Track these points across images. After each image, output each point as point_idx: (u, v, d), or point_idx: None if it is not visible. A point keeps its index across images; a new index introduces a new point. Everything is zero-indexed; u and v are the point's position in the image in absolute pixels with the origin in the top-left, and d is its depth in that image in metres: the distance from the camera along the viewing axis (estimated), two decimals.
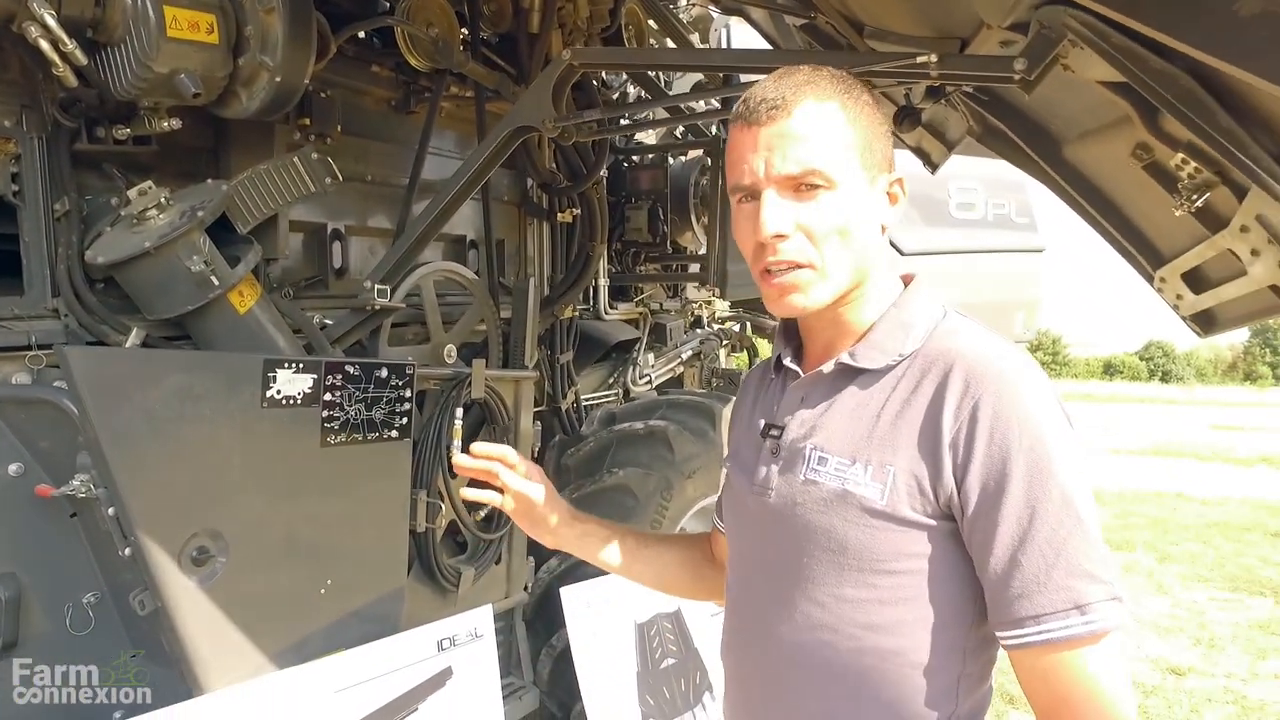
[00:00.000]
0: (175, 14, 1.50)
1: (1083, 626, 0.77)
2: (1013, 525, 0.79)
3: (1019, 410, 0.80)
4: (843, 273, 0.88)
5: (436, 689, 1.87)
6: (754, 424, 1.02)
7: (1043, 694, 0.81)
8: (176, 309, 1.61)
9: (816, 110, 0.86)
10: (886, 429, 0.86)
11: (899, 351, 0.89)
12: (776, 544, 0.93)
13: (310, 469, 1.67)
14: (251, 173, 1.75)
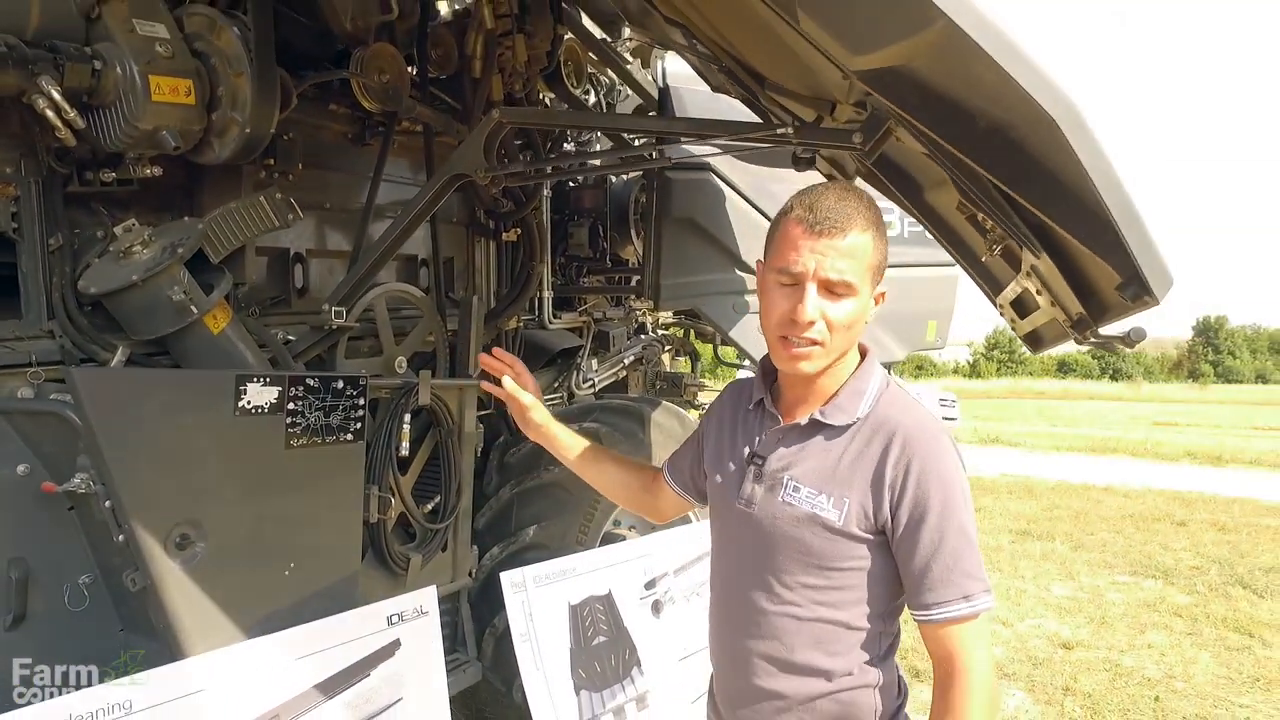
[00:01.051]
0: (159, 81, 1.76)
1: (967, 609, 1.18)
2: (927, 544, 1.18)
3: (937, 468, 1.19)
4: (836, 353, 1.23)
5: (386, 658, 2.15)
6: (736, 448, 1.37)
7: (939, 651, 1.20)
8: (159, 331, 1.87)
9: (860, 237, 1.18)
10: (845, 471, 1.23)
11: (856, 414, 1.25)
12: (759, 543, 1.29)
13: (276, 468, 1.95)
14: (223, 210, 2.02)
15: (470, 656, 2.82)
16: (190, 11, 1.91)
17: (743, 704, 1.34)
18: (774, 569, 1.27)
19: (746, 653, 1.32)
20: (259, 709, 1.86)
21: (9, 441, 1.70)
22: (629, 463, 1.68)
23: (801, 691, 1.27)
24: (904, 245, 4.18)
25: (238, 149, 1.96)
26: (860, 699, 1.27)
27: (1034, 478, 9.95)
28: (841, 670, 1.26)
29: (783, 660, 1.28)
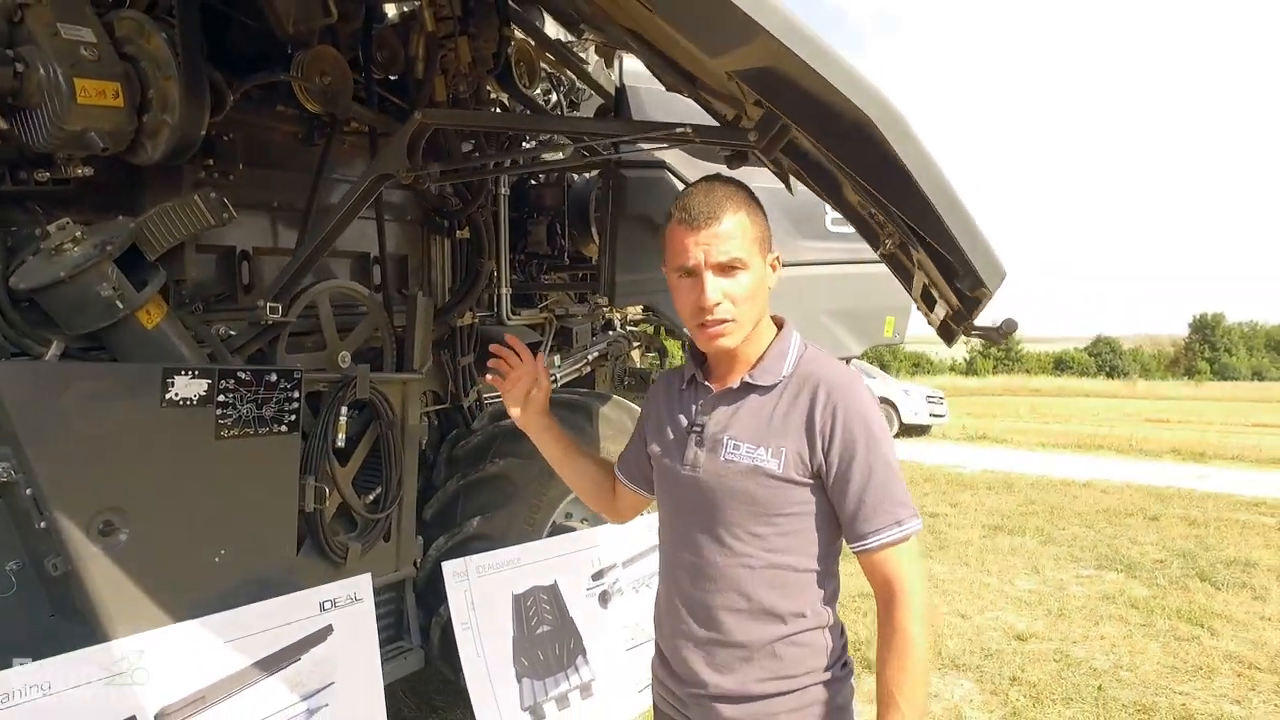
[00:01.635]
0: (84, 84, 1.83)
1: (899, 533, 1.30)
2: (859, 479, 1.30)
3: (859, 410, 1.32)
4: (748, 324, 1.36)
5: (318, 643, 2.23)
6: (675, 421, 1.47)
7: (879, 577, 1.31)
8: (90, 326, 1.94)
9: (734, 218, 1.32)
10: (779, 423, 1.35)
11: (782, 373, 1.38)
12: (707, 502, 1.38)
13: (205, 458, 2.02)
14: (158, 210, 2.08)
15: (414, 644, 2.89)
16: (120, 16, 1.98)
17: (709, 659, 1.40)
18: (724, 523, 1.37)
19: (706, 609, 1.40)
20: (184, 690, 1.94)
21: None
22: (602, 460, 1.74)
23: (762, 637, 1.36)
24: (853, 242, 4.24)
25: (169, 150, 2.02)
26: (815, 640, 1.37)
27: (1015, 473, 10.01)
28: (795, 612, 1.35)
29: (742, 610, 1.37)
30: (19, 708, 1.69)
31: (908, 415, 14.54)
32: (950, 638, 4.25)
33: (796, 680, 1.36)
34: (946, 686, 3.68)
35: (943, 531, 6.80)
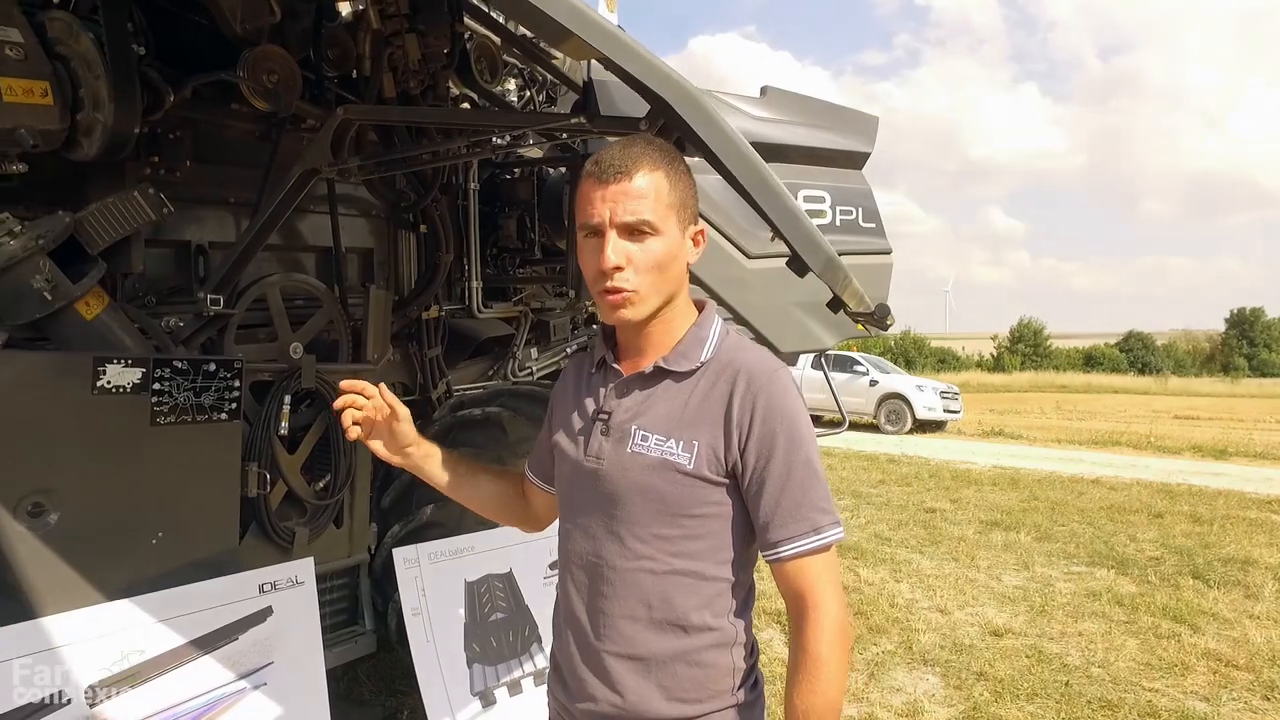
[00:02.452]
0: (10, 83, 1.91)
1: (816, 541, 1.18)
2: (775, 480, 1.18)
3: (781, 404, 1.19)
4: (655, 297, 1.21)
5: (257, 623, 2.30)
6: (581, 407, 1.33)
7: (792, 587, 1.19)
8: (26, 317, 2.02)
9: (649, 176, 1.18)
10: (693, 414, 1.21)
11: (699, 359, 1.24)
12: (609, 497, 1.24)
13: (139, 444, 2.10)
14: (97, 205, 2.16)
15: (367, 628, 2.96)
16: (51, 17, 2.05)
17: (601, 672, 1.26)
18: (626, 522, 1.23)
19: (602, 616, 1.26)
20: (119, 665, 2.02)
21: None
22: (503, 472, 1.59)
23: (662, 650, 1.22)
24: (834, 233, 4.23)
25: (105, 147, 2.10)
26: (721, 658, 1.24)
27: (1024, 469, 9.90)
28: (699, 625, 1.22)
29: (641, 618, 1.23)
30: None
31: (921, 411, 14.41)
32: (924, 633, 4.24)
33: (700, 705, 1.22)
34: (912, 681, 3.68)
35: (938, 527, 6.76)
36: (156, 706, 2.05)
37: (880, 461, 10.50)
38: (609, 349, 1.34)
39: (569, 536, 1.33)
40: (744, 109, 4.07)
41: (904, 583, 5.18)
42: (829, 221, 4.37)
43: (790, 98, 4.25)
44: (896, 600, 4.79)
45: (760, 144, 3.93)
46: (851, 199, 4.37)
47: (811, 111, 4.25)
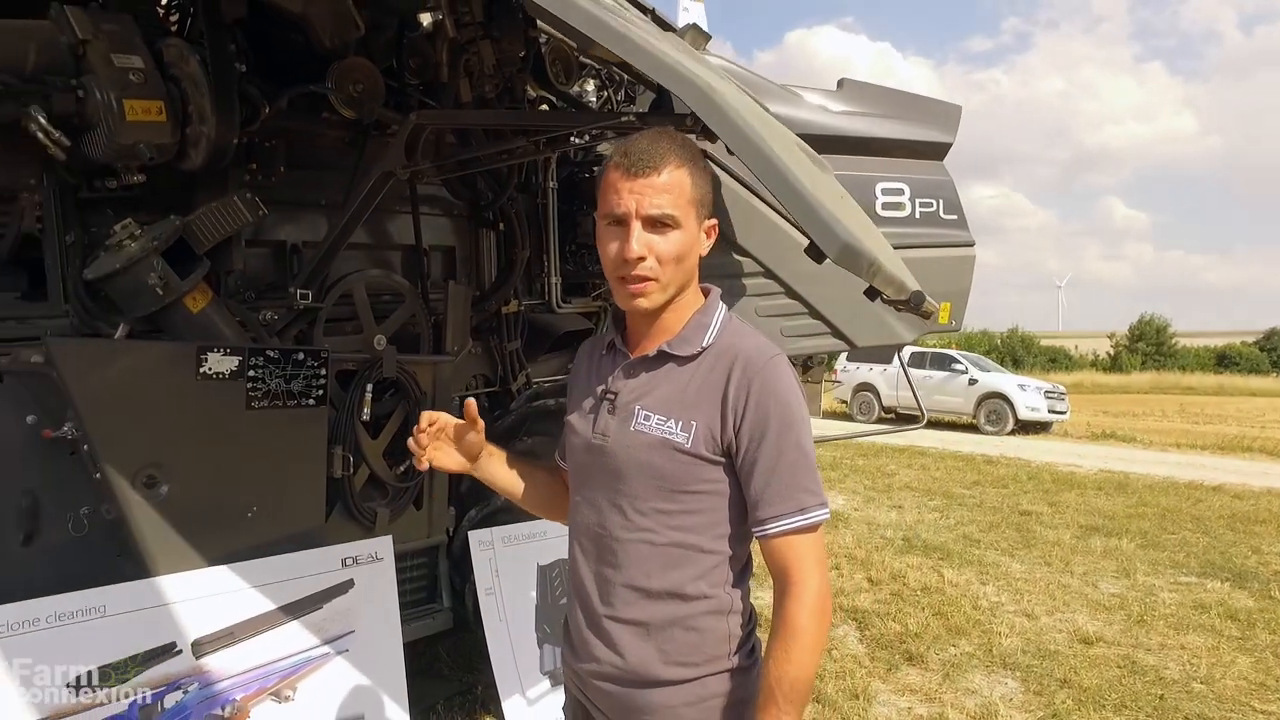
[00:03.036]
0: (133, 104, 2.14)
1: (802, 520, 1.24)
2: (767, 460, 1.25)
3: (775, 389, 1.26)
4: (672, 287, 1.29)
5: (339, 594, 2.49)
6: (591, 388, 1.42)
7: (778, 563, 1.26)
8: (143, 311, 2.26)
9: (676, 172, 1.24)
10: (692, 396, 1.29)
11: (700, 345, 1.31)
12: (613, 472, 1.33)
13: (236, 425, 2.31)
14: (203, 210, 2.39)
15: (444, 606, 3.13)
16: (167, 43, 2.29)
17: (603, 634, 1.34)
18: (629, 496, 1.31)
19: (607, 584, 1.34)
20: (216, 624, 2.24)
21: (20, 397, 2.13)
22: (548, 469, 1.62)
23: (659, 617, 1.30)
24: (914, 226, 4.14)
25: (209, 157, 2.32)
26: (717, 624, 1.31)
27: (1135, 474, 9.33)
28: (696, 594, 1.30)
29: (641, 587, 1.31)
30: (80, 624, 2.04)
31: (1023, 411, 13.77)
32: (1007, 636, 4.10)
33: (697, 669, 1.30)
34: (989, 684, 3.58)
35: (1032, 530, 6.48)
36: (251, 663, 2.26)
37: (976, 462, 10.10)
38: (618, 333, 1.41)
39: (578, 509, 1.41)
40: (818, 102, 4.05)
41: (990, 585, 5.01)
42: (908, 214, 4.28)
43: (867, 89, 4.19)
44: (980, 602, 4.64)
45: (834, 137, 3.93)
46: (932, 190, 4.27)
47: (889, 103, 4.18)
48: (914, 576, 5.08)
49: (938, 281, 4.31)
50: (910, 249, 4.25)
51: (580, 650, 1.38)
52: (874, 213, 4.28)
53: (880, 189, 4.18)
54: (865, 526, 6.60)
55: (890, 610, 4.45)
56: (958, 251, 4.26)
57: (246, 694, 2.23)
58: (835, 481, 8.65)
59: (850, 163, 3.98)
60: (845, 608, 4.42)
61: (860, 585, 4.95)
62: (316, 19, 2.60)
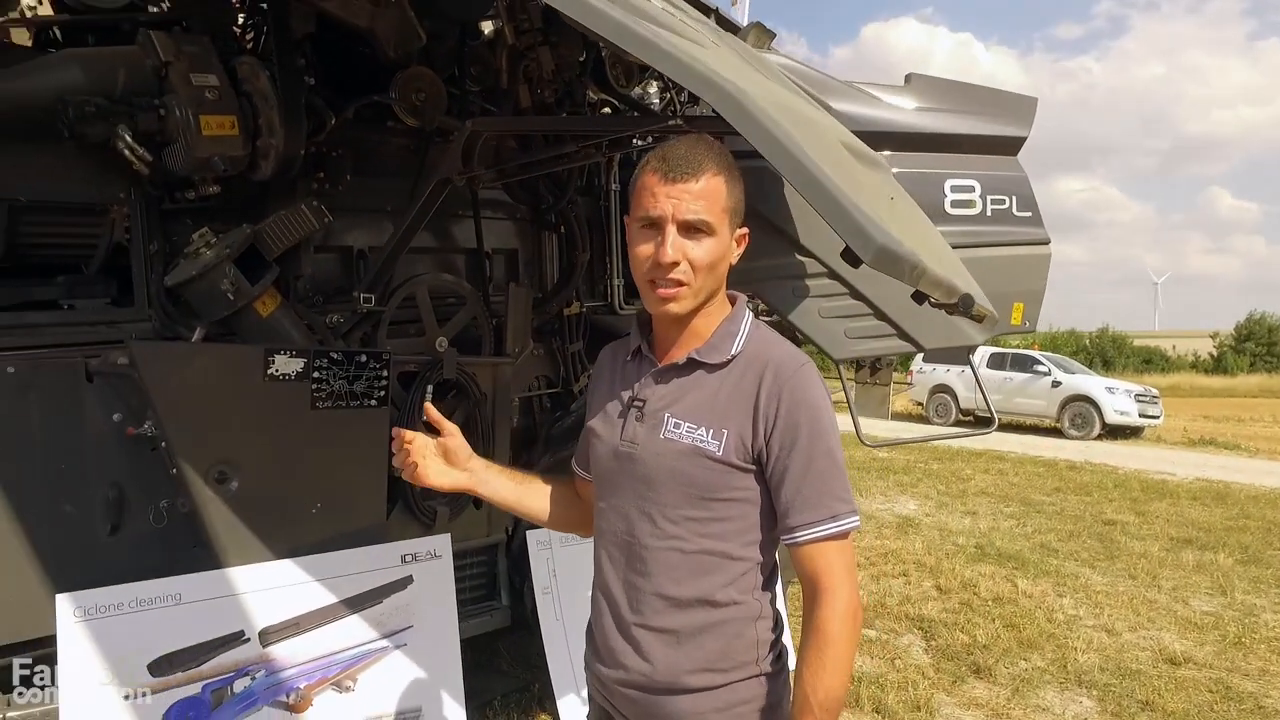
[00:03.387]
0: (208, 119, 2.26)
1: (833, 528, 1.24)
2: (797, 468, 1.24)
3: (805, 397, 1.26)
4: (703, 293, 1.29)
5: (398, 590, 2.56)
6: (617, 395, 1.40)
7: (808, 571, 1.25)
8: (217, 315, 2.39)
9: (713, 180, 1.24)
10: (723, 404, 1.28)
11: (729, 352, 1.31)
12: (642, 480, 1.32)
13: (301, 424, 2.41)
14: (272, 218, 2.50)
15: (502, 604, 3.19)
16: (240, 61, 2.40)
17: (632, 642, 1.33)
18: (658, 504, 1.30)
19: (635, 591, 1.33)
20: (283, 615, 2.34)
21: (108, 397, 2.28)
22: (557, 479, 1.60)
23: (689, 625, 1.29)
24: (985, 224, 3.99)
25: (278, 167, 2.43)
26: (746, 630, 1.31)
27: (1236, 484, 8.77)
28: (725, 600, 1.29)
29: (670, 595, 1.30)
30: (159, 610, 2.16)
31: (1111, 415, 13.11)
32: (1084, 652, 3.92)
33: (725, 675, 1.30)
34: (1062, 702, 3.42)
35: (1116, 541, 6.16)
36: (314, 653, 2.36)
37: (1058, 468, 9.67)
38: (644, 338, 1.40)
39: (604, 515, 1.40)
40: (884, 98, 3.94)
41: (1068, 598, 4.79)
42: (978, 211, 4.13)
43: (936, 84, 4.06)
44: (1056, 615, 4.44)
45: (899, 134, 3.83)
46: (1004, 187, 4.10)
47: (959, 97, 4.04)
48: (986, 586, 4.90)
49: (1010, 281, 4.14)
50: (981, 248, 4.11)
51: (606, 657, 1.38)
52: (942, 211, 4.14)
53: (949, 186, 4.05)
54: (936, 533, 6.40)
55: (959, 620, 4.30)
56: (1032, 250, 4.08)
57: (310, 683, 2.33)
58: (907, 486, 8.42)
59: (917, 160, 3.87)
60: (911, 616, 4.30)
61: (928, 593, 4.81)
62: (382, 31, 2.69)
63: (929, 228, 2.38)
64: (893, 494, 8.03)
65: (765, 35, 3.67)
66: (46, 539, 2.24)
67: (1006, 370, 14.53)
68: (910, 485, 8.45)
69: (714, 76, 1.09)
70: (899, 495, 7.96)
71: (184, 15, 2.51)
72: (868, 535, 6.17)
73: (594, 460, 1.44)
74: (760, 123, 1.09)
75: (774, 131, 1.09)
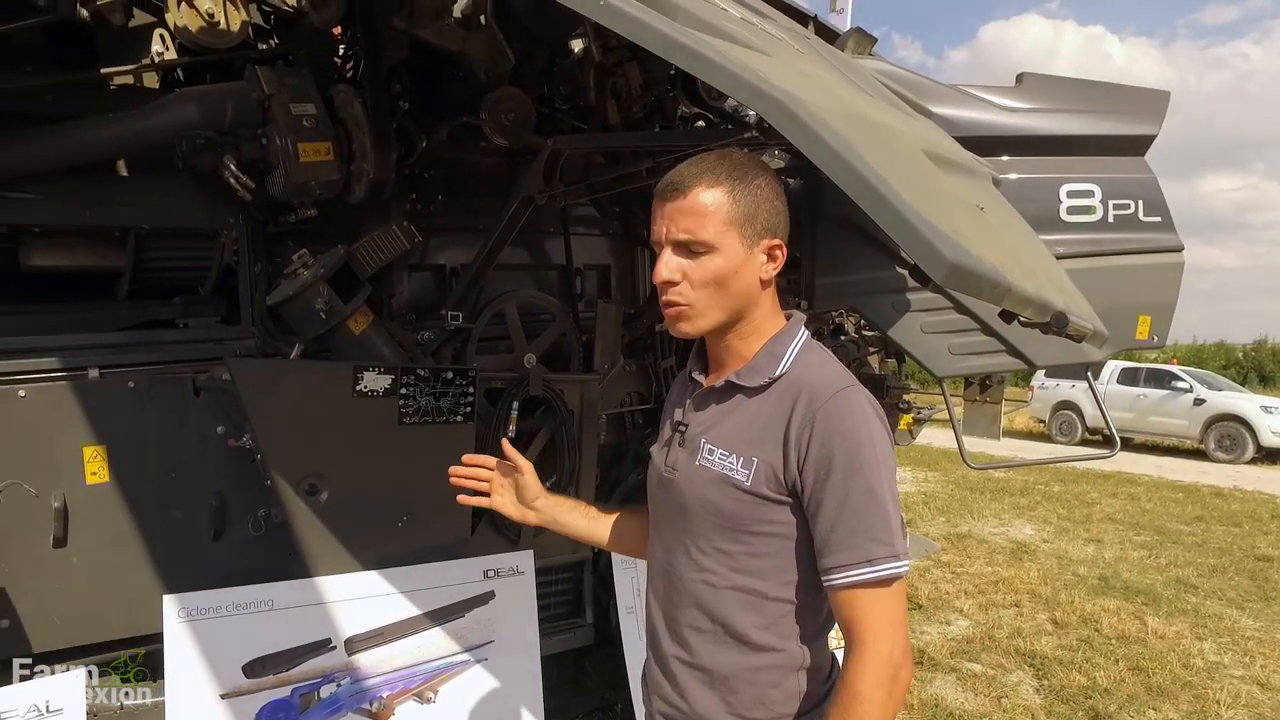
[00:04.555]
0: (305, 146, 2.36)
1: (869, 574, 1.13)
2: (832, 506, 1.15)
3: (843, 426, 1.16)
4: (715, 311, 1.22)
5: (480, 605, 2.59)
6: (671, 416, 1.41)
7: (843, 618, 1.17)
8: (313, 333, 2.49)
9: (706, 194, 1.19)
10: (756, 432, 1.22)
11: (770, 375, 1.24)
12: (679, 508, 1.29)
13: (390, 439, 2.47)
14: (365, 239, 2.60)
15: (587, 621, 3.18)
16: (336, 90, 2.51)
17: (669, 676, 1.31)
18: (692, 534, 1.27)
19: (674, 623, 1.30)
20: (368, 625, 2.40)
21: (213, 410, 2.42)
22: (630, 509, 1.62)
23: (722, 665, 1.24)
24: (1106, 230, 3.68)
25: (369, 190, 2.52)
26: (782, 681, 1.23)
27: None
28: (762, 644, 1.22)
29: (706, 630, 1.26)
30: (253, 615, 2.26)
31: (1267, 436, 11.88)
32: (1228, 706, 3.53)
33: None
34: None
35: (1271, 579, 5.55)
36: (397, 664, 2.41)
37: (1201, 494, 8.83)
38: (699, 361, 1.37)
39: (651, 543, 1.39)
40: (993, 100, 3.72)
41: (1209, 641, 4.33)
42: (1099, 218, 3.81)
43: (1051, 83, 3.80)
44: (1193, 661, 4.02)
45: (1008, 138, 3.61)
46: (1129, 190, 3.77)
47: (1077, 96, 3.75)
48: (1109, 622, 4.51)
49: (1135, 292, 3.80)
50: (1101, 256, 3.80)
51: (650, 686, 1.36)
52: (1057, 218, 3.86)
53: (1065, 191, 3.75)
54: (1054, 560, 5.96)
55: (1076, 659, 3.97)
56: (1161, 258, 3.73)
57: (392, 692, 2.38)
58: (1024, 509, 7.90)
59: (1028, 164, 3.63)
60: (1022, 651, 4.00)
61: (1042, 627, 4.47)
62: (472, 54, 2.75)
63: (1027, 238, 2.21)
64: (1007, 517, 7.55)
65: (865, 41, 3.54)
66: (159, 542, 2.39)
67: (1140, 386, 13.45)
68: (1027, 508, 7.93)
69: (764, 86, 1.03)
70: (1014, 518, 7.48)
71: (289, 50, 2.65)
72: (977, 560, 5.82)
73: (647, 486, 1.43)
74: (814, 131, 1.02)
75: (829, 140, 1.02)
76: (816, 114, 1.05)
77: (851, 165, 1.02)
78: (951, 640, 4.25)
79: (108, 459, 2.32)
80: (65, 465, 2.27)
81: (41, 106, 2.28)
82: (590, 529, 1.58)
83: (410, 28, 2.59)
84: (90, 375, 2.32)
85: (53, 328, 2.35)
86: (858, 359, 4.61)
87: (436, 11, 2.58)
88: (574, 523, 1.57)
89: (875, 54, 3.65)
